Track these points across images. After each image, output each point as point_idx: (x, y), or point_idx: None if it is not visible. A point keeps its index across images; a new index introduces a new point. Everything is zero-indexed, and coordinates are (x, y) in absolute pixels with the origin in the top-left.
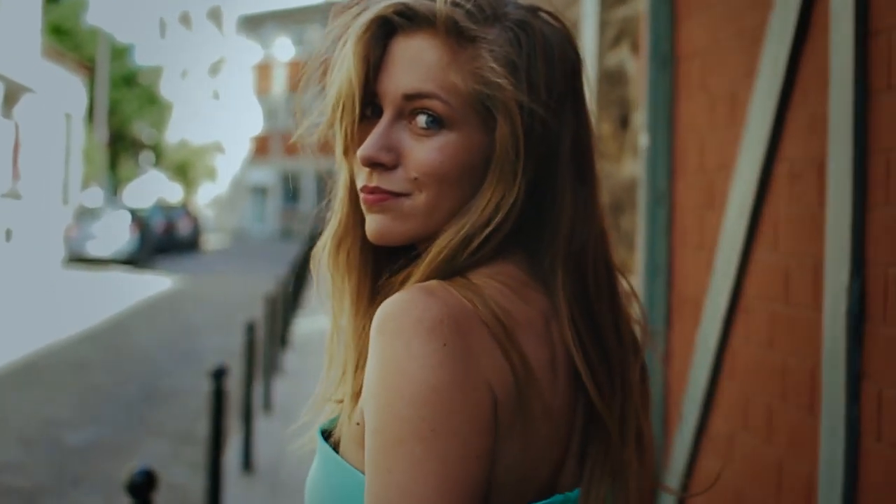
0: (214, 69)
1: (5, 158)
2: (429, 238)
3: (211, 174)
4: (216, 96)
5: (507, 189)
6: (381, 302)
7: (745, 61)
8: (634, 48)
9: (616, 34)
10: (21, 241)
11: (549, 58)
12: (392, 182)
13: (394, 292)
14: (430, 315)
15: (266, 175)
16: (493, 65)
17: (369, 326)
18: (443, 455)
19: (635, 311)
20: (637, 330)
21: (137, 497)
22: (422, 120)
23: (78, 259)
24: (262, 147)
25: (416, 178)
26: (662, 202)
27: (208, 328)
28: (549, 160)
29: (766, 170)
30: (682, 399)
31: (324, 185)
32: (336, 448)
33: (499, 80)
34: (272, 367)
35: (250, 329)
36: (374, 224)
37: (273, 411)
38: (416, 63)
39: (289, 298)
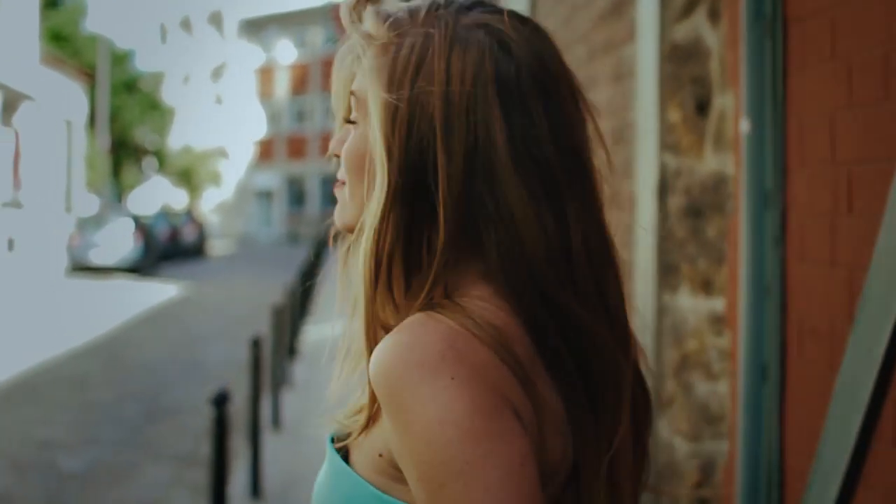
0: (216, 74)
1: (6, 167)
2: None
3: (215, 179)
4: (219, 101)
5: (377, 188)
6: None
7: None
8: (713, 15)
9: (686, 1)
10: (23, 250)
11: (451, 59)
12: (340, 172)
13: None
14: (429, 354)
15: (271, 179)
16: (371, 64)
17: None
18: (484, 483)
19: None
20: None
21: None
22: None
23: (81, 268)
24: (266, 151)
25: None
26: (771, 204)
27: (214, 338)
28: (473, 168)
29: None
30: (808, 465)
31: (329, 188)
32: (346, 456)
33: (366, 79)
34: (281, 381)
35: (256, 344)
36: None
37: (282, 428)
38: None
39: (297, 306)
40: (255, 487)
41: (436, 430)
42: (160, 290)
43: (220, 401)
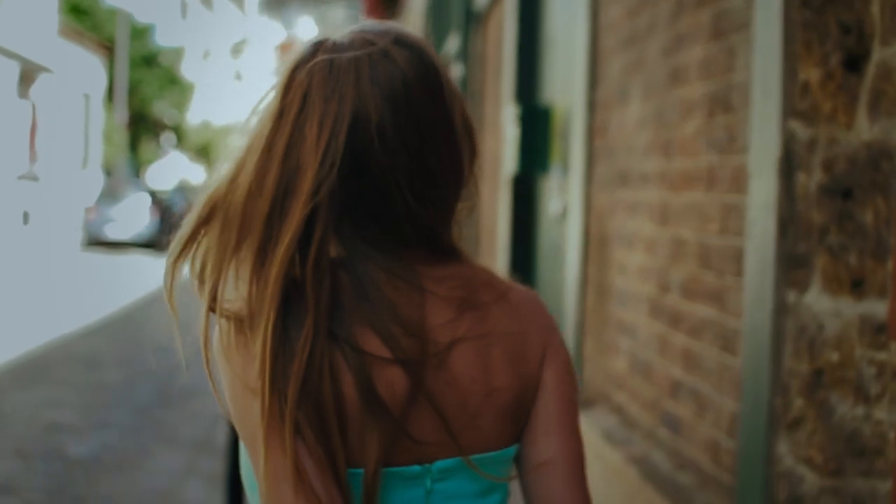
0: (236, 50)
1: (22, 140)
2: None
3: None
4: (238, 77)
5: None
6: None
7: None
8: None
9: None
10: (38, 224)
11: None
12: None
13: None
14: None
15: None
16: None
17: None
18: None
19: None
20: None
21: None
22: None
23: (97, 242)
24: None
25: None
26: None
27: None
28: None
29: None
30: None
31: None
32: None
33: None
34: None
35: None
36: None
37: None
38: None
39: None
40: None
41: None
42: None
43: None
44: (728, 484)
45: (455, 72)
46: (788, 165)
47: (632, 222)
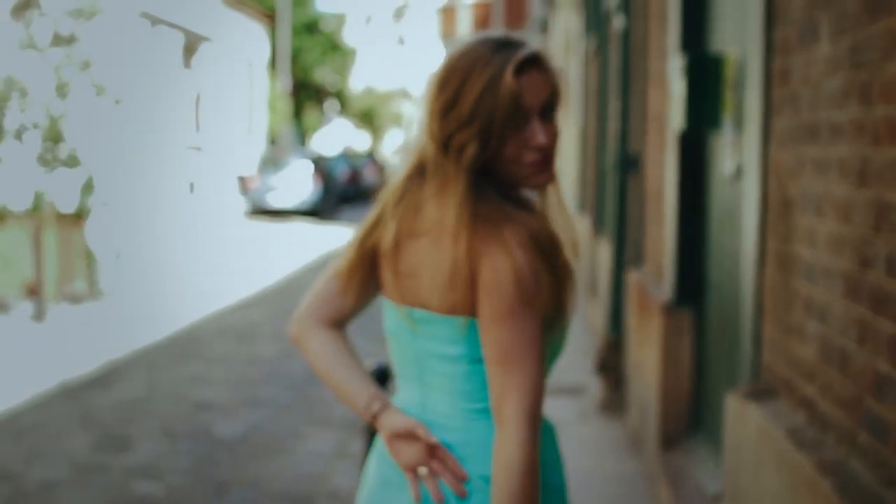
0: (398, 14)
1: (188, 110)
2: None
3: (398, 121)
4: (401, 41)
5: None
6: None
7: None
8: None
9: None
10: (203, 193)
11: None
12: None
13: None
14: None
15: None
16: None
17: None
18: None
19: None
20: None
21: None
22: None
23: (260, 211)
24: None
25: None
26: None
27: None
28: None
29: None
30: None
31: None
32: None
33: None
34: None
35: None
36: None
37: None
38: None
39: None
40: None
41: None
42: (338, 235)
43: (382, 377)
44: None
45: (617, 24)
46: None
47: (821, 183)
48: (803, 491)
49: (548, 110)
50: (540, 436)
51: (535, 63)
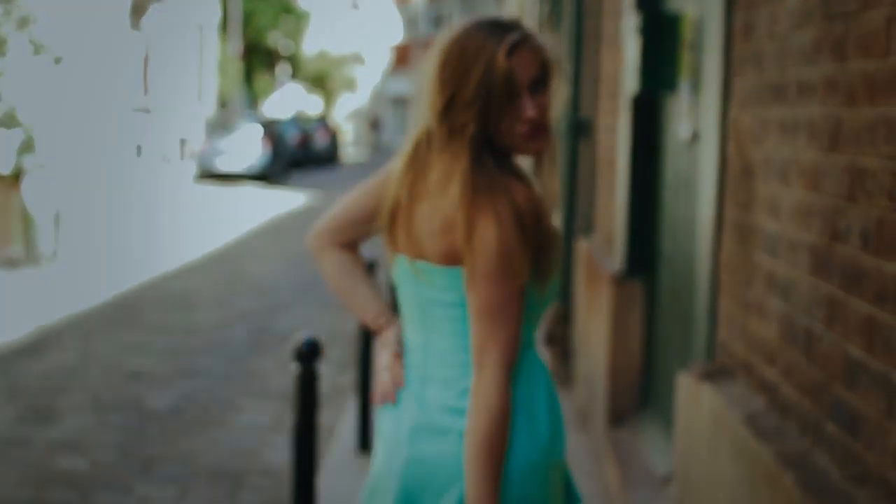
0: None
1: (136, 72)
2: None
3: (350, 85)
4: (355, 5)
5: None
6: None
7: None
8: None
9: None
10: (151, 156)
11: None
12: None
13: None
14: None
15: (407, 85)
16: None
17: None
18: None
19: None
20: None
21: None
22: None
23: (209, 175)
24: (402, 57)
25: None
26: None
27: None
28: None
29: None
30: None
31: None
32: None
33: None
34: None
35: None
36: None
37: None
38: None
39: None
40: (364, 440)
41: None
42: (287, 199)
43: (307, 356)
44: None
45: None
46: None
47: (787, 148)
48: (762, 484)
49: (539, 84)
50: (542, 376)
51: (525, 42)
